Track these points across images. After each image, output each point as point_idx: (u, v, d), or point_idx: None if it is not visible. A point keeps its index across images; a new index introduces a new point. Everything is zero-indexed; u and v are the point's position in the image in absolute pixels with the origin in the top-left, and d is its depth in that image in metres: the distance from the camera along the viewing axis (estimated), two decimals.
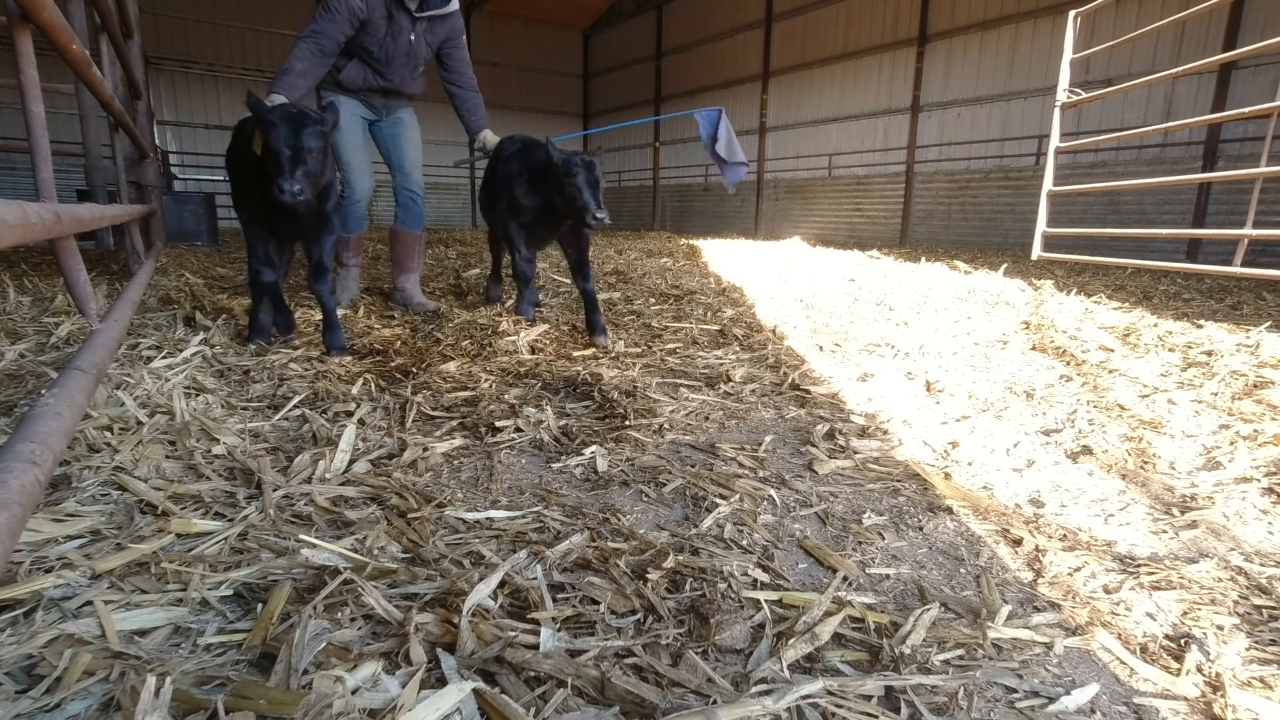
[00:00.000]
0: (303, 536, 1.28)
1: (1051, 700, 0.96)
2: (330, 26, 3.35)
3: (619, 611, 1.12)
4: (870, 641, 1.07)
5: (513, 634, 1.02)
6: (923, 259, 7.95)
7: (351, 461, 1.69)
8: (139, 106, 5.52)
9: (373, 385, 2.33)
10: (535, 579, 1.18)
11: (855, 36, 14.58)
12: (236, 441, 1.74)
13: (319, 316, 3.18)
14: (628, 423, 2.05)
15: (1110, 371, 2.67)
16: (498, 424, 2.01)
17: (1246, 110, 2.67)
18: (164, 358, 2.41)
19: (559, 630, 1.06)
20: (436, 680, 0.94)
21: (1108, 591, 1.23)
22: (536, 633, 1.03)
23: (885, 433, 2.08)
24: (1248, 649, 1.07)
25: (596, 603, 1.14)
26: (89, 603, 1.07)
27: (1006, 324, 3.59)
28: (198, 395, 2.09)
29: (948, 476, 1.75)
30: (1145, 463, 1.85)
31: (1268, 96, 8.55)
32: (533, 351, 2.94)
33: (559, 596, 1.15)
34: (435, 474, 1.69)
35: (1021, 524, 1.49)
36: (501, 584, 1.15)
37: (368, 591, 1.09)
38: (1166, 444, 1.94)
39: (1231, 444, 1.92)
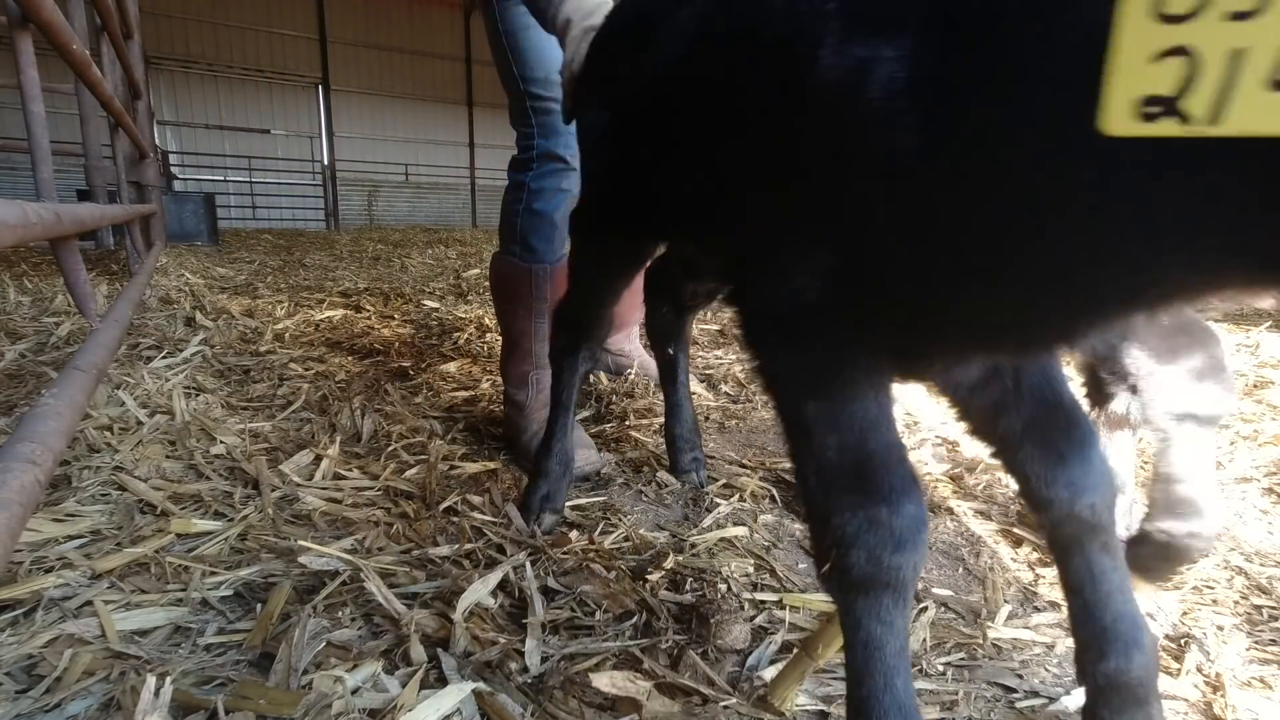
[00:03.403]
0: (302, 542, 1.28)
1: (1051, 700, 0.96)
2: None
3: (618, 613, 1.12)
4: None
5: (509, 638, 1.02)
6: None
7: (352, 460, 1.69)
8: (139, 106, 5.52)
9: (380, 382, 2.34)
10: (536, 580, 1.18)
11: None
12: (236, 441, 1.74)
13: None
14: (628, 423, 2.05)
15: None
16: (498, 424, 2.00)
17: None
18: (164, 358, 2.41)
19: (560, 631, 1.06)
20: (436, 680, 0.94)
21: None
22: (536, 635, 1.03)
23: None
24: (1248, 649, 1.07)
25: (596, 604, 1.14)
26: (89, 603, 1.07)
27: None
28: (198, 395, 2.09)
29: (949, 476, 1.75)
30: (1145, 463, 1.85)
31: None
32: None
33: (558, 597, 1.15)
34: (435, 474, 1.69)
35: (1022, 524, 1.48)
36: (501, 584, 1.15)
37: (371, 580, 1.09)
38: None
39: (1231, 444, 1.92)
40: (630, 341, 2.55)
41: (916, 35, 0.55)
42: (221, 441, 1.73)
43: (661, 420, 2.08)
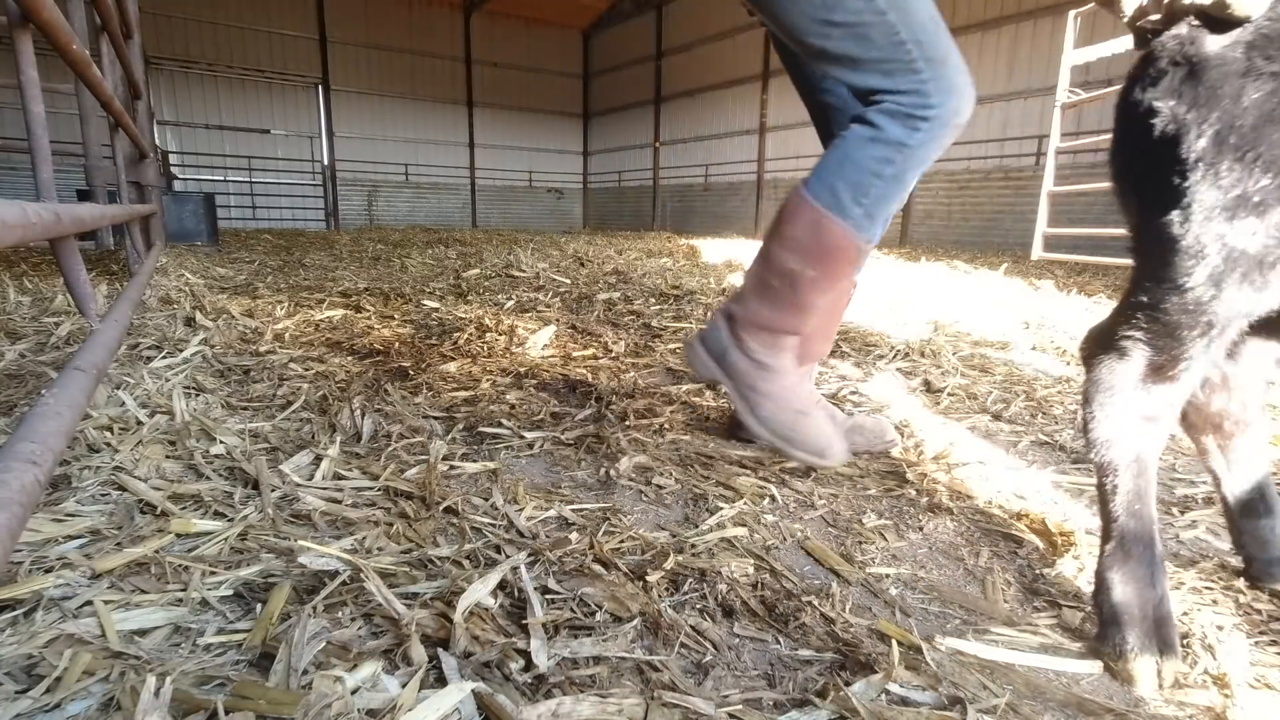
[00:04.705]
0: (302, 542, 1.28)
1: None
2: None
3: (619, 614, 1.12)
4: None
5: (510, 638, 1.02)
6: (923, 259, 7.95)
7: (352, 460, 1.69)
8: (139, 106, 5.52)
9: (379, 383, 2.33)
10: (535, 581, 1.18)
11: None
12: (236, 441, 1.74)
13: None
14: (628, 423, 2.05)
15: None
16: (497, 425, 2.01)
17: None
18: (164, 358, 2.41)
19: (560, 633, 1.06)
20: (436, 680, 0.94)
21: None
22: (537, 635, 1.03)
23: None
24: (1248, 649, 1.07)
25: (597, 605, 1.14)
26: (89, 603, 1.07)
27: (1007, 324, 3.59)
28: (198, 395, 2.09)
29: (949, 475, 1.75)
30: None
31: None
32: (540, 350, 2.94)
33: (558, 598, 1.15)
34: (435, 474, 1.69)
35: (1022, 524, 1.48)
36: (501, 584, 1.15)
37: (371, 580, 1.09)
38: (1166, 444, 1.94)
39: None
40: (810, 379, 1.93)
41: None
42: (221, 441, 1.73)
43: (661, 420, 2.08)
